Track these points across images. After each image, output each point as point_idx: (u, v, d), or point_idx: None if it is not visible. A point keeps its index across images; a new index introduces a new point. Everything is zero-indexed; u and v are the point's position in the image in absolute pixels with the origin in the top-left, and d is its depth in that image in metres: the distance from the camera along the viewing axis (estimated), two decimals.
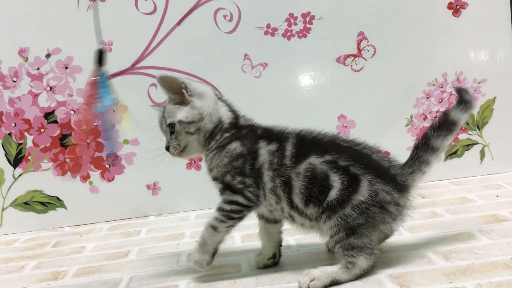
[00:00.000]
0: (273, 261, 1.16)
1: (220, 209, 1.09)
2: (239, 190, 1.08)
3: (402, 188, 1.05)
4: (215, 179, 1.12)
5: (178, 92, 1.10)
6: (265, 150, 1.08)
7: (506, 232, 1.21)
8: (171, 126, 1.11)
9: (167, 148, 1.13)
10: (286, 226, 1.16)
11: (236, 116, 1.15)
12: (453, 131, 1.11)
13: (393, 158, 1.11)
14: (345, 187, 1.01)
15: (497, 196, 1.52)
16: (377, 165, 1.05)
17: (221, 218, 1.08)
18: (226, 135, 1.11)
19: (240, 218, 1.10)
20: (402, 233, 1.28)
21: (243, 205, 1.08)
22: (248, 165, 1.08)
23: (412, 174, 1.08)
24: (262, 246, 1.18)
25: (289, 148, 1.07)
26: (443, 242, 1.19)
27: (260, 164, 1.07)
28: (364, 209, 1.01)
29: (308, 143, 1.08)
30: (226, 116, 1.14)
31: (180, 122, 1.10)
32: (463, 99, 1.12)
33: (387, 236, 1.16)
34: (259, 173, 1.07)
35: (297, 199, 1.05)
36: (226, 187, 1.09)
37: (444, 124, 1.11)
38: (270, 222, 1.16)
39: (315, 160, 1.04)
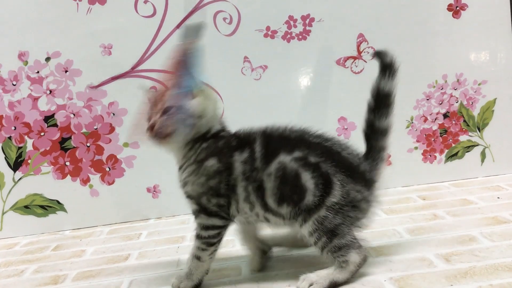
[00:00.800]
0: (266, 256, 1.17)
1: (199, 237, 1.07)
2: (215, 212, 1.05)
3: (371, 184, 1.05)
4: (189, 197, 1.07)
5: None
6: (239, 162, 1.04)
7: (507, 234, 1.20)
8: (168, 108, 1.03)
9: (151, 128, 1.04)
10: None
11: (223, 127, 1.11)
12: (392, 104, 1.09)
13: (357, 150, 1.10)
14: (318, 189, 1.00)
15: (498, 198, 1.52)
16: (347, 163, 1.04)
17: (202, 246, 1.07)
18: (204, 145, 1.05)
19: (220, 240, 1.08)
20: (403, 236, 1.28)
21: (220, 226, 1.07)
22: (223, 184, 1.03)
23: (377, 166, 1.08)
24: (250, 249, 1.18)
25: (258, 150, 1.04)
26: (444, 244, 1.19)
27: (234, 178, 1.03)
28: (338, 209, 1.00)
29: (275, 141, 1.05)
30: (215, 128, 1.08)
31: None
32: (384, 63, 1.08)
33: None
34: (233, 188, 1.04)
35: (271, 201, 1.03)
36: (200, 210, 1.06)
37: (379, 102, 1.09)
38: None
39: (284, 158, 1.02)
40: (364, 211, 1.04)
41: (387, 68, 1.08)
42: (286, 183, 1.01)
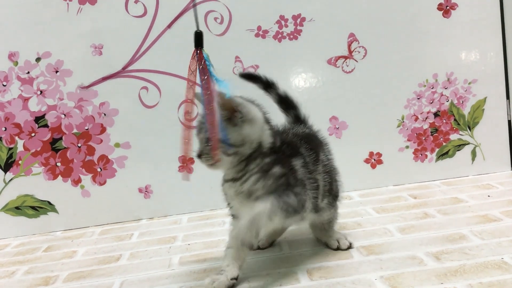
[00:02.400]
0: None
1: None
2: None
3: None
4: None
5: (229, 110, 1.05)
6: (298, 167, 1.10)
7: (497, 232, 1.21)
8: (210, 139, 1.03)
9: (199, 156, 1.07)
10: None
11: (275, 139, 1.11)
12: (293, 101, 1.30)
13: None
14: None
15: (489, 196, 1.53)
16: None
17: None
18: (267, 160, 1.08)
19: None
20: (394, 234, 1.28)
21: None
22: (291, 178, 1.07)
23: None
24: (227, 265, 1.09)
25: (306, 154, 1.13)
26: (434, 243, 1.19)
27: (300, 179, 1.09)
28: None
29: (311, 142, 1.18)
30: (267, 141, 1.09)
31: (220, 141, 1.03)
32: (262, 83, 1.26)
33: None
34: (303, 184, 1.09)
35: (320, 197, 1.15)
36: None
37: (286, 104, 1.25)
38: None
39: (322, 157, 1.18)
40: None
41: (267, 85, 1.26)
42: (330, 178, 1.18)
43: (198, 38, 1.09)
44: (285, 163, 1.08)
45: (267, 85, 1.25)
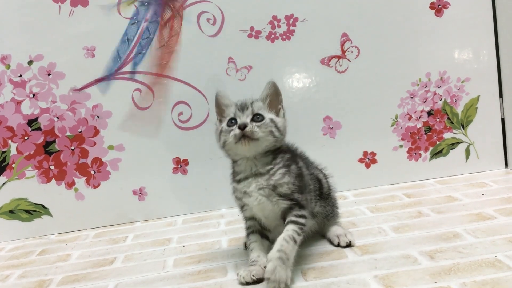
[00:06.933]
0: None
1: (295, 222, 1.11)
2: (304, 205, 1.14)
3: None
4: (283, 196, 1.13)
5: (270, 103, 1.17)
6: (303, 167, 1.21)
7: (491, 231, 1.21)
8: (259, 115, 1.12)
9: (244, 126, 1.09)
10: None
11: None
12: None
13: None
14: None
15: (483, 194, 1.53)
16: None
17: (298, 231, 1.09)
18: (287, 156, 1.17)
19: (304, 232, 1.14)
20: (388, 234, 1.28)
21: (306, 218, 1.14)
22: (306, 178, 1.20)
23: None
24: (257, 256, 1.14)
25: (300, 161, 1.23)
26: (428, 241, 1.19)
27: (306, 181, 1.20)
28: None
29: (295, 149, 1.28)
30: (285, 142, 1.21)
31: (272, 120, 1.13)
32: None
33: None
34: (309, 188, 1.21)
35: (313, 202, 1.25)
36: (295, 204, 1.13)
37: None
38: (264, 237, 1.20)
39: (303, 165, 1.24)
40: None
41: None
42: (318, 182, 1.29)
43: None
44: (297, 163, 1.19)
45: None
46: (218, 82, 1.67)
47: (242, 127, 1.09)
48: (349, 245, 1.23)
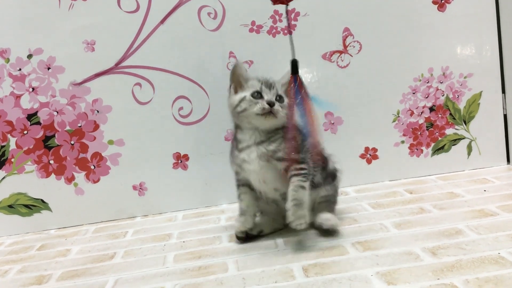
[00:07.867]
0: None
1: (297, 175, 1.22)
2: (303, 161, 1.24)
3: None
4: (280, 159, 1.24)
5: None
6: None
7: (493, 227, 1.21)
8: (281, 97, 1.26)
9: (272, 104, 1.22)
10: None
11: None
12: None
13: None
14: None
15: (485, 190, 1.52)
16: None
17: (302, 179, 1.21)
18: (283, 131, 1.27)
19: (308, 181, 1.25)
20: (390, 230, 1.27)
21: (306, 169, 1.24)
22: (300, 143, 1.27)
23: None
24: (247, 206, 1.31)
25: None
26: (430, 238, 1.19)
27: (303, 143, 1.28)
28: None
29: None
30: None
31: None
32: None
33: None
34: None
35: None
36: (294, 163, 1.24)
37: None
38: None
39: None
40: None
41: None
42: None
43: (295, 66, 1.27)
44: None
45: None
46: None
47: (272, 104, 1.21)
48: (331, 230, 1.29)
